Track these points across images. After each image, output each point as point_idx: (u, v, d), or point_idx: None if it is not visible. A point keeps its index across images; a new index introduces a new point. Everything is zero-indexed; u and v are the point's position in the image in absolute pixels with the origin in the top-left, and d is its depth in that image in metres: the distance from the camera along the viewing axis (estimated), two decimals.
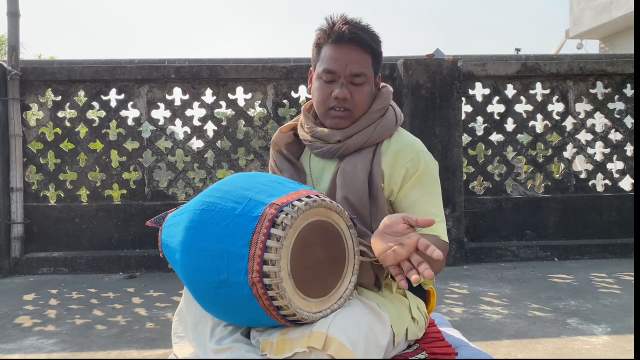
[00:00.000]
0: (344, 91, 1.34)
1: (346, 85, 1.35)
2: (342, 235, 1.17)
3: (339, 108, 1.36)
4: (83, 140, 4.55)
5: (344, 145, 1.36)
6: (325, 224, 1.14)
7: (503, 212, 4.63)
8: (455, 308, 3.11)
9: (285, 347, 1.08)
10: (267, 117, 4.66)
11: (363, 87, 1.36)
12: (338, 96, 1.34)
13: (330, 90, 1.36)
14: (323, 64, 1.37)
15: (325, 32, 1.38)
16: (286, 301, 1.05)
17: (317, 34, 1.40)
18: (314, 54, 1.43)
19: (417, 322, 1.36)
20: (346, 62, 1.34)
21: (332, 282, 1.15)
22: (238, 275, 1.05)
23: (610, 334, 2.59)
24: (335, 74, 1.35)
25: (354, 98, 1.36)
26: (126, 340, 2.63)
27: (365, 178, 1.33)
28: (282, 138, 1.49)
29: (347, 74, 1.34)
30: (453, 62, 4.45)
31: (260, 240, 1.04)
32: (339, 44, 1.35)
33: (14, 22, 4.41)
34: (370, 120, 1.38)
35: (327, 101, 1.37)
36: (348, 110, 1.36)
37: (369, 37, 1.36)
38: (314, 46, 1.42)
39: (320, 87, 1.38)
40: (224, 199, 1.12)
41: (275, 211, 1.06)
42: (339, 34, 1.34)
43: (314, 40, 1.42)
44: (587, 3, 10.94)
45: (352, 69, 1.34)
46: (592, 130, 4.83)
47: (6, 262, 4.24)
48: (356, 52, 1.35)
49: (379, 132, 1.36)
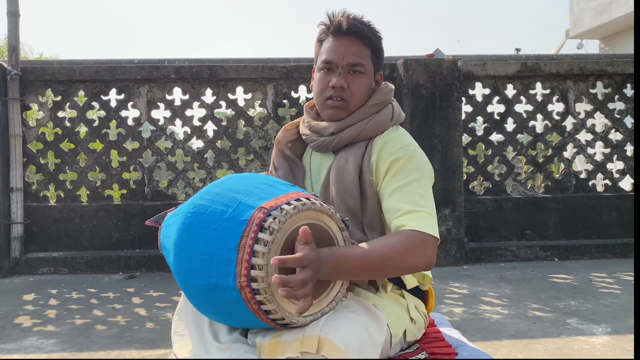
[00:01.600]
0: (340, 80, 1.35)
1: (343, 74, 1.36)
2: (333, 238, 1.16)
3: (335, 97, 1.37)
4: (83, 140, 4.55)
5: (337, 137, 1.37)
6: (316, 227, 1.13)
7: (503, 212, 4.63)
8: (455, 308, 3.10)
9: (278, 351, 1.08)
10: (267, 117, 4.66)
11: (360, 79, 1.38)
12: (335, 85, 1.35)
13: (328, 80, 1.37)
14: (322, 56, 1.39)
15: (326, 26, 1.40)
16: (274, 305, 1.04)
17: (319, 30, 1.43)
18: (316, 49, 1.45)
19: (416, 323, 1.36)
20: (344, 53, 1.36)
21: (323, 285, 1.14)
22: (227, 279, 1.05)
23: (610, 334, 2.58)
24: (333, 64, 1.37)
25: (351, 88, 1.37)
26: (126, 340, 2.63)
27: (356, 173, 1.33)
28: (285, 136, 1.50)
29: (344, 64, 1.36)
30: (453, 62, 4.45)
31: (247, 244, 1.03)
32: (337, 36, 1.38)
33: (14, 22, 4.41)
34: (364, 115, 1.38)
35: (324, 91, 1.38)
36: (344, 101, 1.37)
37: (368, 30, 1.38)
38: (316, 42, 1.44)
39: (319, 78, 1.40)
40: (214, 202, 1.12)
41: (263, 215, 1.06)
42: (338, 26, 1.37)
43: (317, 36, 1.44)
44: (587, 3, 10.94)
45: (350, 59, 1.36)
46: (592, 130, 4.83)
47: (6, 262, 4.24)
48: (354, 43, 1.37)
49: (371, 126, 1.37)
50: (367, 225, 1.32)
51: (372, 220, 1.32)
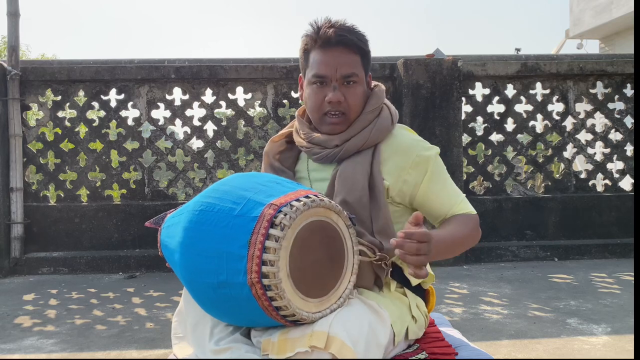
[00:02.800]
0: (337, 94, 1.34)
1: (339, 88, 1.35)
2: (341, 235, 1.17)
3: (333, 113, 1.36)
4: (83, 140, 4.55)
5: (343, 149, 1.36)
6: (324, 224, 1.14)
7: (503, 212, 4.63)
8: (455, 308, 3.10)
9: (287, 347, 1.08)
10: (267, 117, 4.66)
11: (356, 89, 1.37)
12: (332, 100, 1.34)
13: (323, 95, 1.35)
14: (313, 69, 1.36)
15: (312, 38, 1.37)
16: (285, 302, 1.05)
17: (304, 40, 1.40)
18: (302, 60, 1.42)
19: (417, 321, 1.36)
20: (336, 66, 1.34)
21: (332, 282, 1.15)
22: (237, 276, 1.04)
23: (610, 334, 2.59)
24: (327, 78, 1.35)
25: (348, 100, 1.36)
26: (126, 340, 2.63)
27: (365, 180, 1.33)
28: (273, 147, 1.49)
29: (338, 77, 1.34)
30: (453, 62, 4.45)
31: (258, 241, 1.04)
32: (326, 48, 1.35)
33: (14, 22, 4.41)
34: (366, 122, 1.38)
35: (321, 106, 1.37)
36: (343, 115, 1.36)
37: (356, 38, 1.37)
38: (302, 52, 1.42)
39: (312, 93, 1.37)
40: (222, 200, 1.12)
41: (273, 212, 1.06)
42: (325, 38, 1.34)
43: (301, 46, 1.41)
44: (587, 3, 10.94)
45: (343, 71, 1.34)
46: (592, 130, 4.83)
47: (6, 262, 4.24)
48: (345, 54, 1.35)
49: (376, 133, 1.37)
50: (377, 230, 1.31)
51: (383, 225, 1.32)
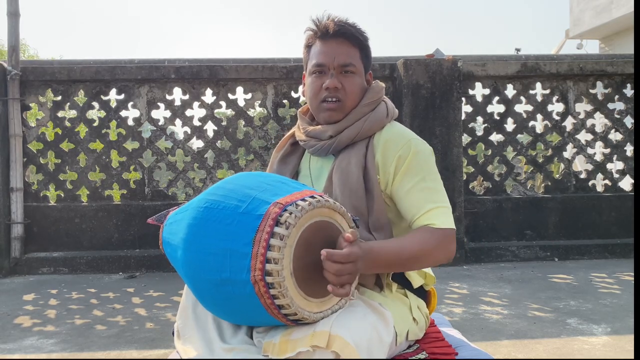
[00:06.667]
0: (334, 81, 1.37)
1: (336, 75, 1.38)
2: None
3: (330, 99, 1.39)
4: (83, 140, 4.55)
5: (336, 140, 1.39)
6: (327, 225, 1.14)
7: (503, 212, 4.63)
8: (455, 308, 3.10)
9: (288, 348, 1.08)
10: (267, 117, 4.66)
11: (353, 78, 1.40)
12: (329, 86, 1.37)
13: (321, 82, 1.39)
14: (313, 60, 1.41)
15: (313, 32, 1.42)
16: (288, 300, 1.05)
17: (307, 36, 1.45)
18: (304, 55, 1.47)
19: (418, 323, 1.36)
20: (334, 55, 1.38)
21: None
22: (240, 274, 1.05)
23: (610, 334, 2.59)
24: (325, 66, 1.39)
25: (345, 88, 1.38)
26: (126, 340, 2.63)
27: (360, 173, 1.34)
28: (274, 157, 1.54)
29: (336, 65, 1.38)
30: (453, 62, 4.45)
31: (263, 238, 1.04)
32: (326, 39, 1.40)
33: (14, 22, 4.41)
34: (360, 114, 1.40)
35: (319, 94, 1.40)
36: (339, 101, 1.39)
37: (355, 30, 1.40)
38: (304, 48, 1.46)
39: (311, 82, 1.42)
40: (227, 197, 1.12)
41: (279, 210, 1.06)
42: (325, 29, 1.39)
43: (304, 42, 1.46)
44: (587, 3, 10.94)
45: (341, 60, 1.38)
46: (592, 131, 4.83)
47: (6, 262, 4.24)
48: (343, 44, 1.39)
49: (369, 124, 1.38)
50: (372, 224, 1.33)
51: (378, 219, 1.33)
